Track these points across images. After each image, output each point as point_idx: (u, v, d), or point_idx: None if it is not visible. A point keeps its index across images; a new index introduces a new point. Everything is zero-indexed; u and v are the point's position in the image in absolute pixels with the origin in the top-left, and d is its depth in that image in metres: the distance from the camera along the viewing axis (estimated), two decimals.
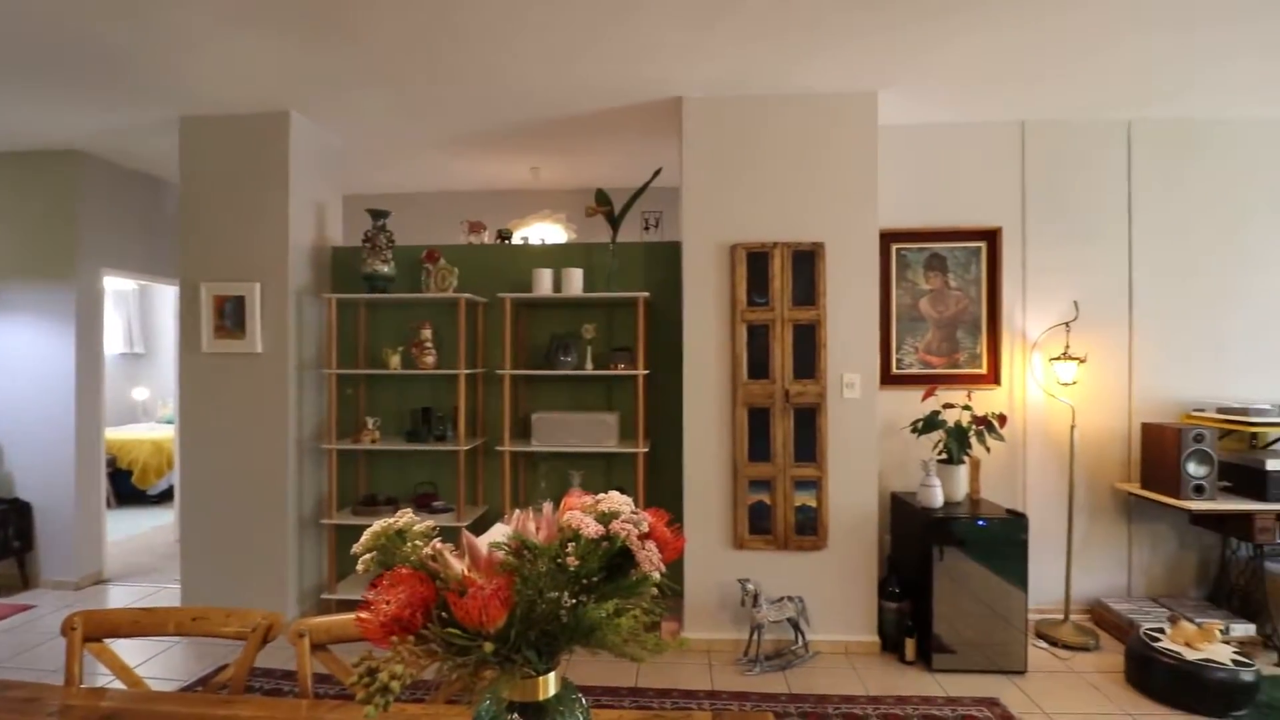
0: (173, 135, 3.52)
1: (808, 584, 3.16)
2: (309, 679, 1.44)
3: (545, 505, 0.91)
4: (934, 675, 2.91)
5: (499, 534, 0.86)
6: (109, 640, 1.52)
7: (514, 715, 0.84)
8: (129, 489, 6.07)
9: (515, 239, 4.05)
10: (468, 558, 0.85)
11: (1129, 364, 3.49)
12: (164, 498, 6.13)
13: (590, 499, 0.91)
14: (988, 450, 3.24)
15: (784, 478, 3.17)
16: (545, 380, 3.64)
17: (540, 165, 4.45)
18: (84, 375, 3.99)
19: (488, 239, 3.98)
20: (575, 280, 3.39)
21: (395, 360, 3.47)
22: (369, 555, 0.86)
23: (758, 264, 3.18)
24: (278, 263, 3.37)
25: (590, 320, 3.54)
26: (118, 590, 4.01)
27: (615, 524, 0.85)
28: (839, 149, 3.18)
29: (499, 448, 3.37)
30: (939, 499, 3.07)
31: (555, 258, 3.61)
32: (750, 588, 2.99)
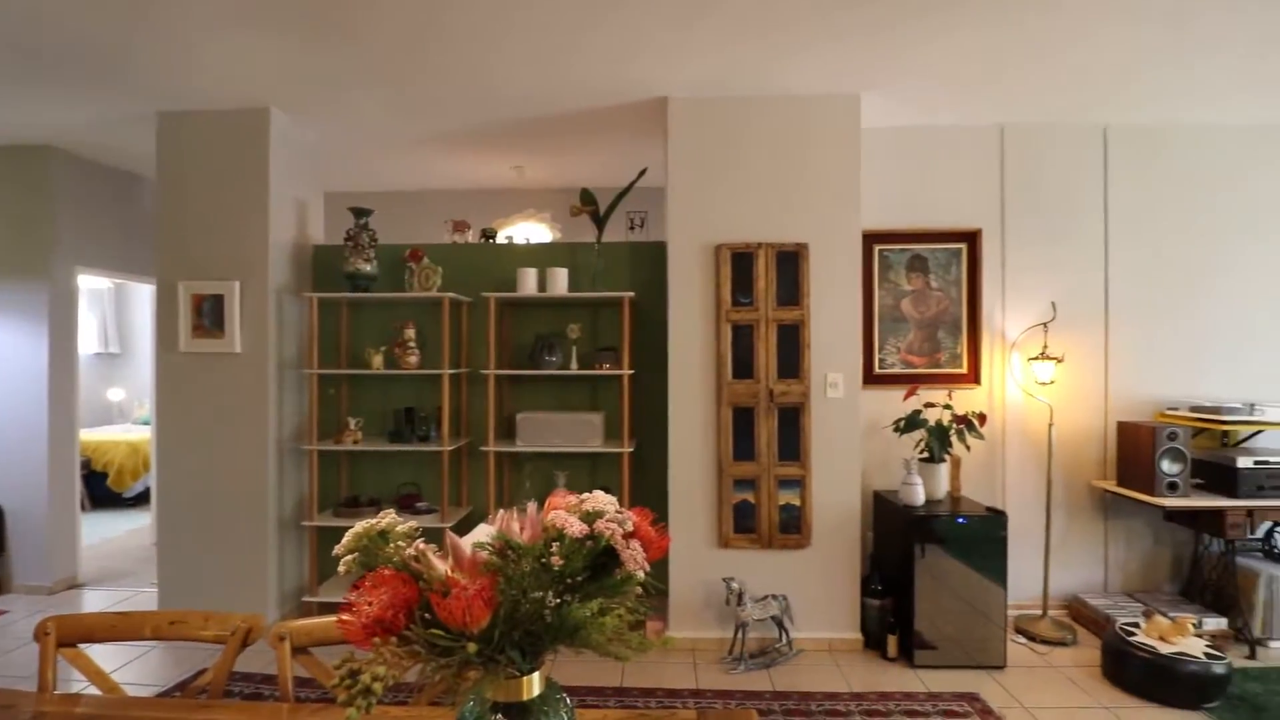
0: (149, 131, 3.45)
1: (792, 582, 3.18)
2: (289, 682, 1.43)
3: (529, 505, 0.91)
4: (916, 671, 2.94)
5: (483, 534, 0.86)
6: (84, 645, 1.50)
7: (498, 716, 0.83)
8: (104, 491, 5.96)
9: (500, 238, 4.03)
10: (451, 558, 0.85)
11: (1105, 364, 3.55)
12: (140, 500, 6.02)
13: (575, 498, 0.91)
14: (968, 449, 3.29)
15: (768, 477, 3.19)
16: (530, 380, 3.63)
17: (525, 164, 4.44)
18: (57, 375, 3.90)
19: (472, 238, 3.96)
20: (560, 280, 3.38)
21: (378, 360, 3.44)
22: (351, 556, 0.86)
23: (742, 264, 3.19)
24: (257, 261, 3.32)
25: (575, 320, 3.54)
26: (93, 595, 3.93)
27: (600, 523, 0.85)
28: (823, 150, 3.20)
29: (483, 448, 3.36)
30: (920, 497, 3.11)
31: (540, 257, 3.60)
32: (735, 586, 3.01)
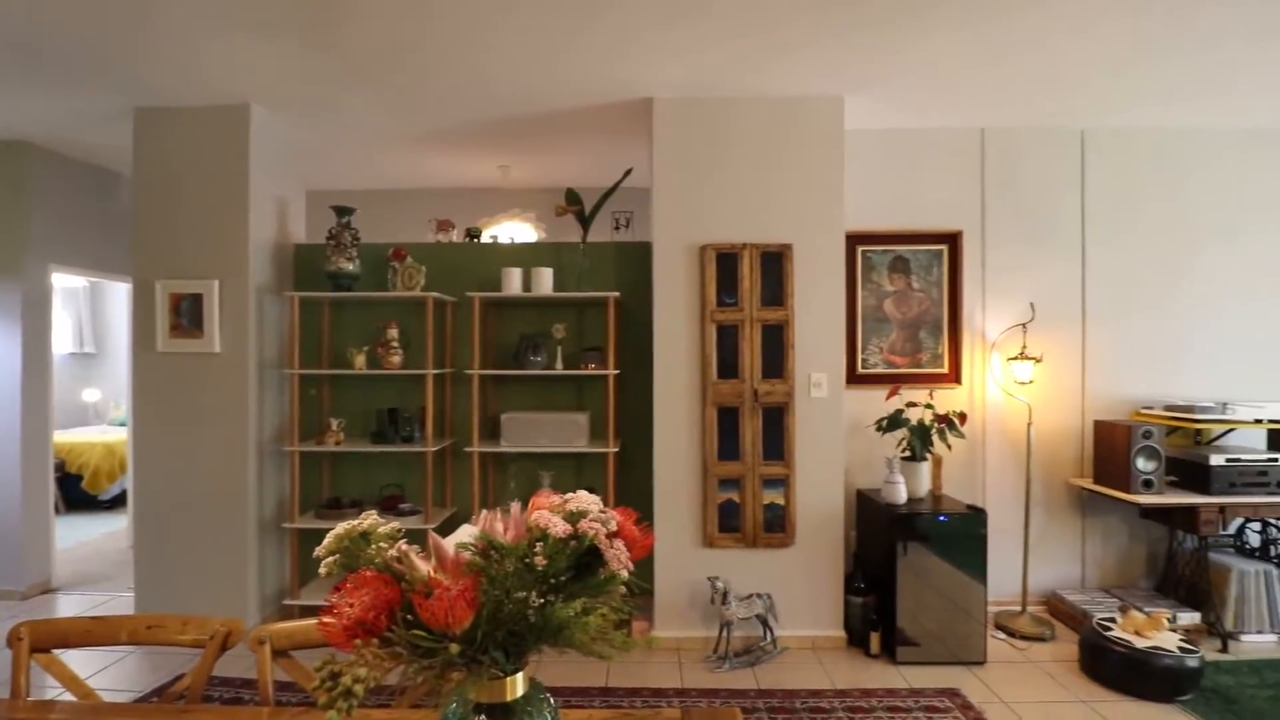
0: (127, 127, 3.39)
1: (776, 581, 3.20)
2: (270, 686, 1.41)
3: (513, 505, 0.91)
4: (898, 668, 2.98)
5: (466, 535, 0.85)
6: (58, 651, 1.47)
7: (481, 717, 0.83)
8: (79, 494, 5.84)
9: (484, 238, 4.01)
10: (434, 559, 0.84)
11: (1082, 363, 3.62)
12: (117, 503, 5.91)
13: (558, 498, 0.92)
14: (949, 448, 3.33)
15: (753, 476, 3.20)
16: (515, 380, 3.61)
17: (510, 164, 4.42)
18: (30, 376, 3.82)
19: (456, 237, 3.93)
20: (545, 280, 3.37)
21: (360, 360, 3.41)
22: (332, 558, 0.85)
23: (727, 265, 3.21)
24: (237, 259, 3.28)
25: (560, 320, 3.53)
26: (67, 599, 3.86)
27: (583, 523, 0.86)
28: (807, 152, 3.23)
29: (467, 449, 3.34)
30: (902, 495, 3.14)
31: (525, 257, 3.59)
32: (720, 585, 3.02)
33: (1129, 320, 3.62)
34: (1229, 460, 3.16)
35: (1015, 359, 3.43)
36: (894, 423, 3.27)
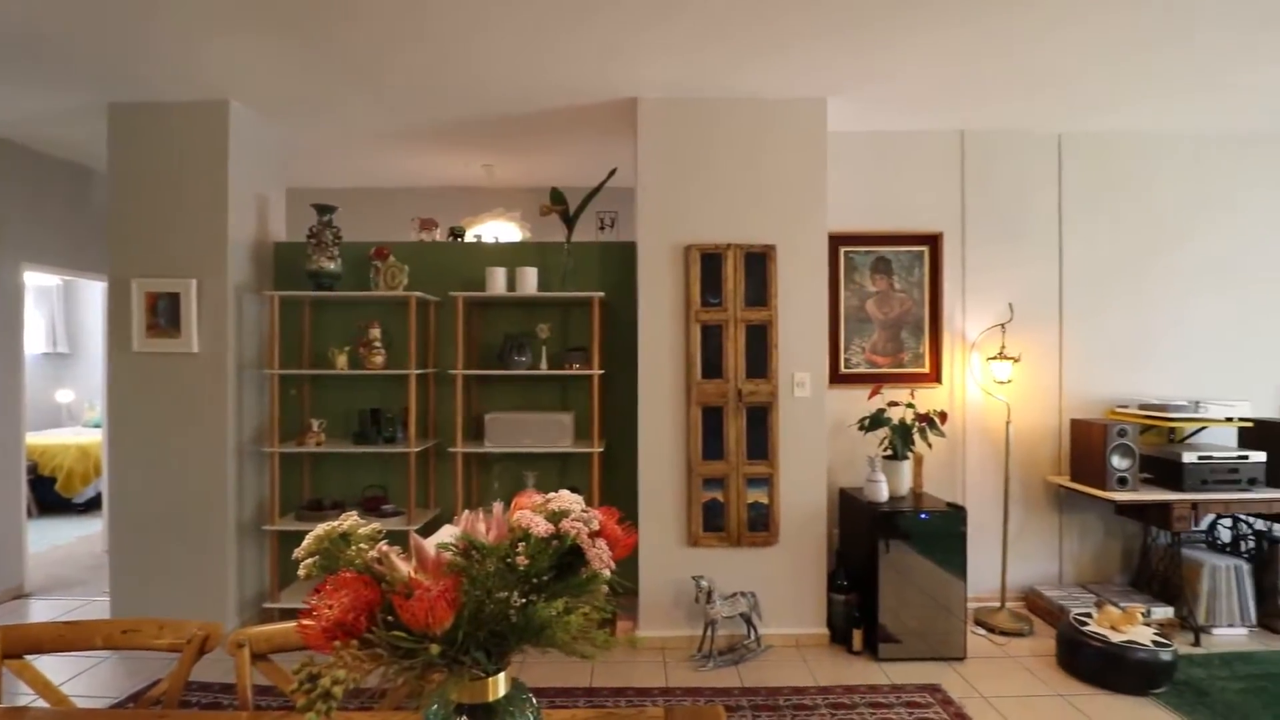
0: (100, 122, 3.33)
1: (760, 579, 3.21)
2: (249, 690, 1.39)
3: (495, 505, 0.91)
4: (880, 664, 3.01)
5: (447, 535, 0.85)
6: (31, 657, 1.44)
7: (463, 718, 0.83)
8: (53, 497, 5.73)
9: (468, 237, 3.99)
10: (415, 560, 0.84)
11: (1059, 363, 3.68)
12: (91, 506, 5.80)
13: (540, 498, 0.92)
14: (929, 446, 3.37)
15: (737, 475, 3.22)
16: (499, 380, 3.60)
17: (494, 163, 4.40)
18: (2, 376, 3.74)
19: (439, 236, 3.91)
20: (529, 279, 3.36)
21: (342, 360, 3.38)
22: (311, 560, 0.84)
23: (711, 265, 3.22)
24: (216, 258, 3.23)
25: (545, 320, 3.52)
26: (40, 604, 3.78)
27: (565, 523, 0.86)
28: (790, 153, 3.25)
29: (451, 449, 3.32)
30: (884, 494, 3.18)
31: (509, 256, 3.58)
32: (704, 585, 3.03)
33: (1105, 320, 3.68)
34: (1201, 458, 3.23)
35: (994, 359, 3.48)
36: (876, 422, 3.30)
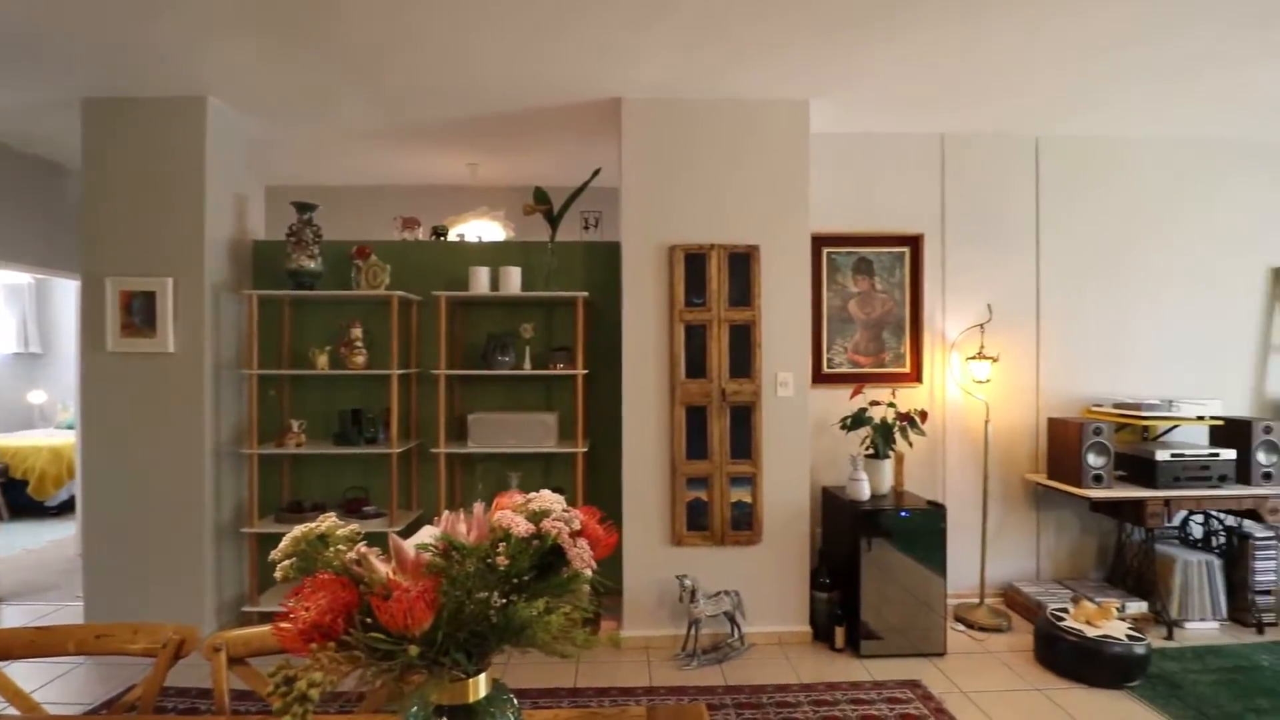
0: (73, 117, 3.26)
1: (743, 578, 3.23)
2: (225, 695, 1.37)
3: (476, 506, 0.91)
4: (862, 661, 3.04)
5: (427, 536, 0.85)
6: (1, 663, 1.41)
7: (442, 719, 0.83)
8: (24, 500, 5.61)
9: (451, 236, 3.97)
10: (394, 561, 0.83)
11: (1037, 363, 3.74)
12: (64, 509, 5.68)
13: (521, 498, 0.91)
14: (910, 445, 3.41)
15: (720, 475, 3.23)
16: (482, 380, 3.58)
17: (478, 162, 4.37)
18: None
19: (422, 236, 3.88)
20: (513, 279, 3.35)
21: (323, 360, 3.34)
22: (288, 562, 0.83)
23: (695, 265, 3.23)
24: (192, 256, 3.18)
25: (528, 319, 3.51)
26: (11, 610, 3.69)
27: (546, 522, 0.85)
28: (773, 154, 3.27)
29: (434, 450, 3.30)
30: (866, 492, 3.21)
31: (492, 256, 3.56)
32: (688, 584, 3.04)
33: (1081, 320, 3.75)
34: (1173, 455, 3.30)
35: (973, 358, 3.53)
36: (858, 421, 3.33)
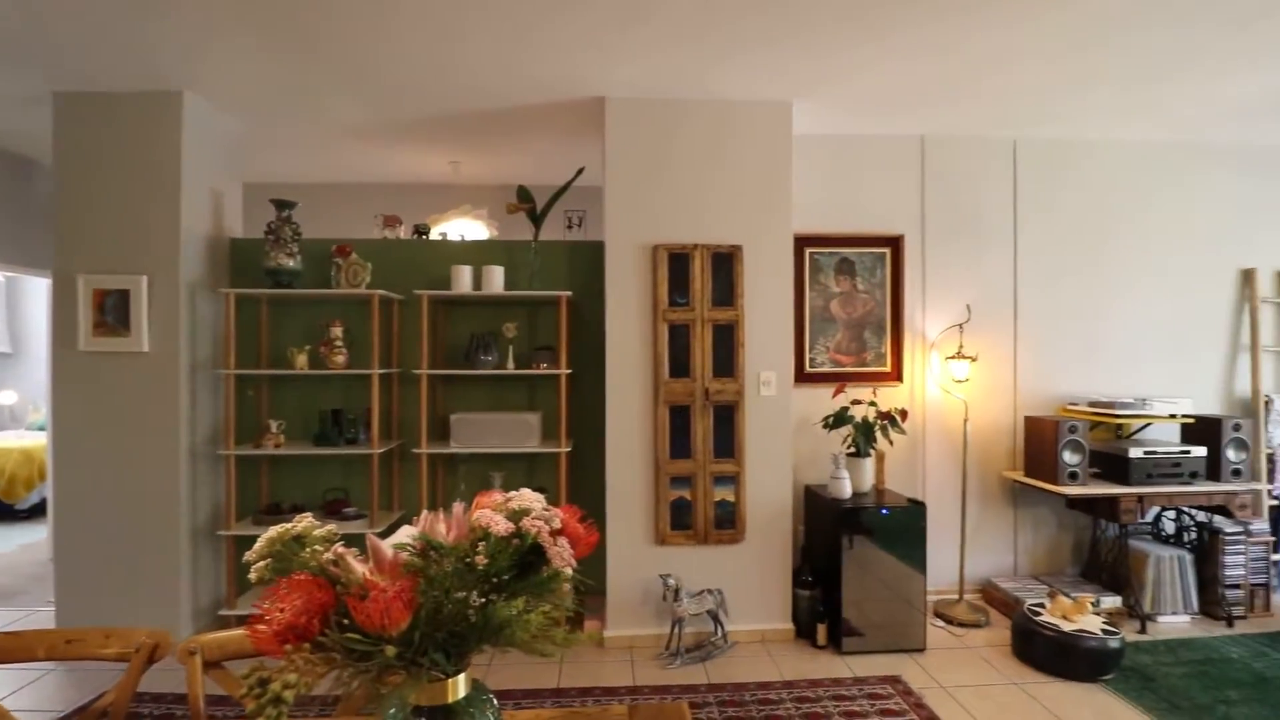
0: (45, 111, 3.19)
1: (727, 576, 3.24)
2: (201, 700, 1.35)
3: (456, 505, 0.90)
4: (843, 658, 3.06)
5: (405, 536, 0.84)
6: None
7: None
8: None
9: (433, 235, 3.94)
10: (372, 561, 0.83)
11: (1014, 362, 3.79)
12: (35, 513, 5.56)
13: (501, 497, 0.91)
14: (891, 443, 3.45)
15: (704, 474, 3.24)
16: (465, 380, 3.56)
17: (461, 160, 4.34)
18: None
19: (404, 234, 3.85)
20: (496, 278, 3.33)
21: (302, 360, 3.30)
22: (263, 563, 0.82)
23: (679, 265, 3.24)
24: (168, 254, 3.12)
25: (512, 319, 3.50)
26: None
27: (526, 521, 0.85)
28: (756, 155, 3.28)
29: (416, 450, 3.27)
30: (848, 490, 3.24)
31: (475, 255, 3.54)
32: (671, 583, 3.04)
33: (1057, 320, 3.81)
34: (1146, 453, 3.37)
35: (953, 358, 3.57)
36: (840, 420, 3.36)
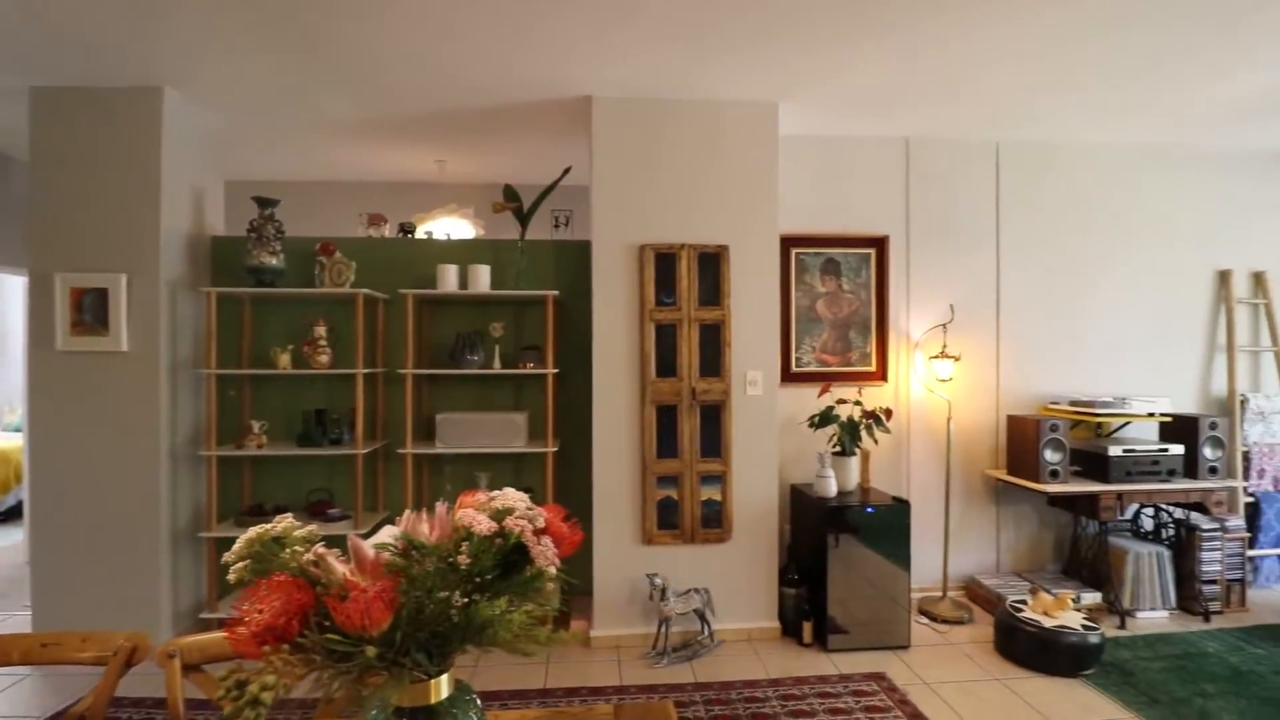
0: (21, 106, 3.13)
1: (713, 575, 3.25)
2: (180, 704, 1.33)
3: (439, 505, 0.90)
4: (829, 655, 3.08)
5: (387, 535, 0.84)
6: None
7: None
8: None
9: (419, 233, 3.91)
10: (353, 561, 0.82)
11: (997, 362, 3.84)
12: (11, 515, 5.45)
13: (484, 496, 0.91)
14: (876, 442, 3.47)
15: (690, 473, 3.25)
16: (450, 380, 3.54)
17: (447, 158, 4.32)
18: None
19: (389, 232, 3.82)
20: (482, 277, 3.32)
21: (285, 359, 3.26)
22: (242, 564, 0.81)
23: (665, 264, 3.24)
24: (147, 252, 3.08)
25: (498, 318, 3.48)
26: None
27: (509, 520, 0.85)
28: (743, 156, 3.29)
29: (401, 450, 3.25)
30: (833, 489, 3.26)
31: (461, 254, 3.52)
32: (658, 582, 3.05)
33: (1039, 321, 3.86)
34: (1125, 451, 3.42)
35: (936, 358, 3.60)
36: (825, 419, 3.38)
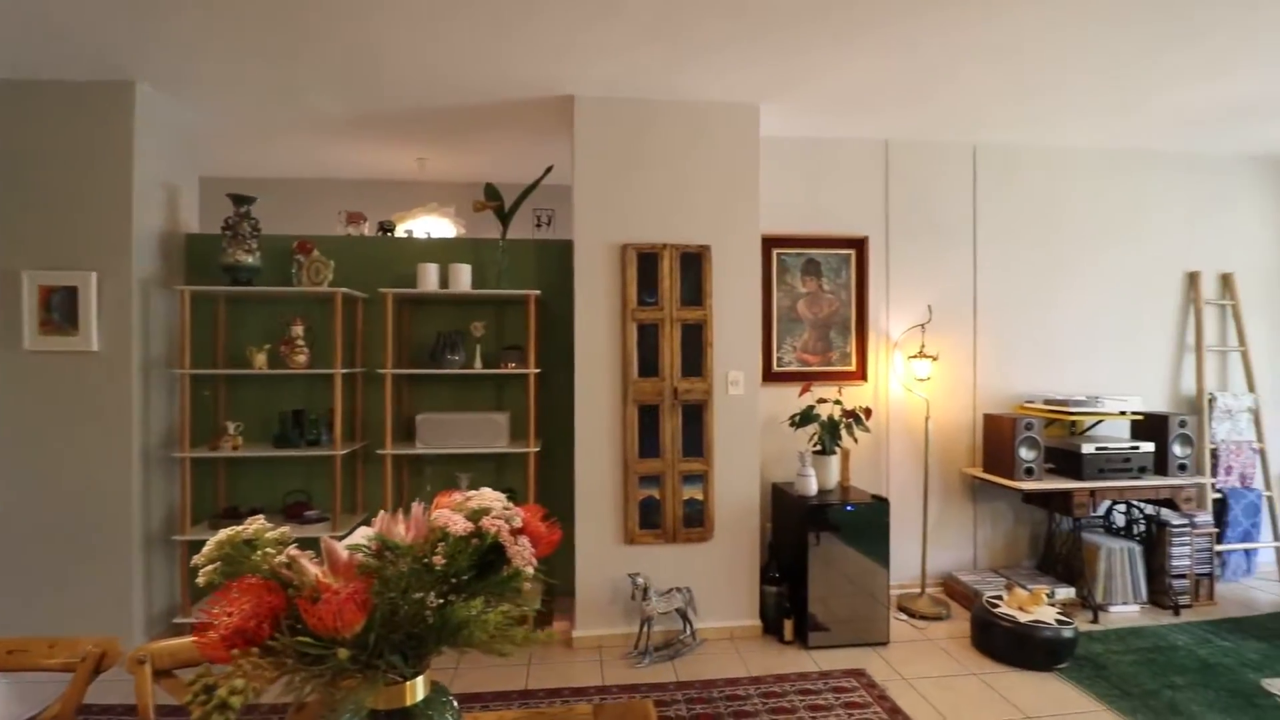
0: None
1: (695, 574, 3.26)
2: (150, 710, 1.31)
3: (415, 505, 0.89)
4: (810, 652, 3.10)
5: (361, 536, 0.83)
6: None
7: None
8: None
9: (399, 232, 3.87)
10: (327, 563, 0.81)
11: (974, 361, 3.89)
12: None
13: (461, 496, 0.90)
14: (856, 441, 3.51)
15: (673, 473, 3.25)
16: (431, 380, 3.51)
17: (427, 156, 4.28)
18: None
19: (368, 231, 3.78)
20: (463, 276, 3.29)
21: (261, 359, 3.21)
22: (212, 567, 0.80)
23: (647, 264, 3.24)
24: (119, 250, 3.01)
25: (479, 318, 3.46)
26: None
27: (485, 520, 0.85)
28: (725, 156, 3.31)
29: (380, 451, 3.21)
30: (814, 487, 3.28)
31: (442, 253, 3.49)
32: (640, 582, 3.05)
33: (1015, 321, 3.93)
34: (1098, 449, 3.49)
35: (915, 357, 3.65)
36: (806, 418, 3.40)
